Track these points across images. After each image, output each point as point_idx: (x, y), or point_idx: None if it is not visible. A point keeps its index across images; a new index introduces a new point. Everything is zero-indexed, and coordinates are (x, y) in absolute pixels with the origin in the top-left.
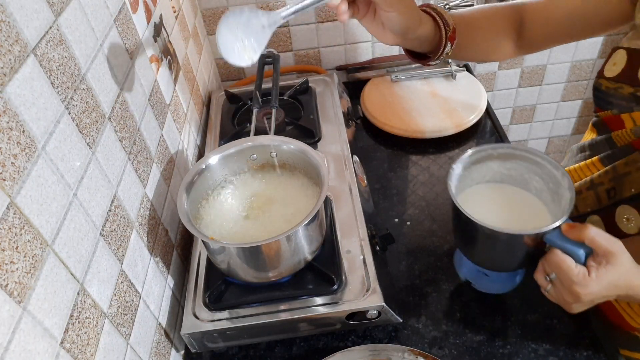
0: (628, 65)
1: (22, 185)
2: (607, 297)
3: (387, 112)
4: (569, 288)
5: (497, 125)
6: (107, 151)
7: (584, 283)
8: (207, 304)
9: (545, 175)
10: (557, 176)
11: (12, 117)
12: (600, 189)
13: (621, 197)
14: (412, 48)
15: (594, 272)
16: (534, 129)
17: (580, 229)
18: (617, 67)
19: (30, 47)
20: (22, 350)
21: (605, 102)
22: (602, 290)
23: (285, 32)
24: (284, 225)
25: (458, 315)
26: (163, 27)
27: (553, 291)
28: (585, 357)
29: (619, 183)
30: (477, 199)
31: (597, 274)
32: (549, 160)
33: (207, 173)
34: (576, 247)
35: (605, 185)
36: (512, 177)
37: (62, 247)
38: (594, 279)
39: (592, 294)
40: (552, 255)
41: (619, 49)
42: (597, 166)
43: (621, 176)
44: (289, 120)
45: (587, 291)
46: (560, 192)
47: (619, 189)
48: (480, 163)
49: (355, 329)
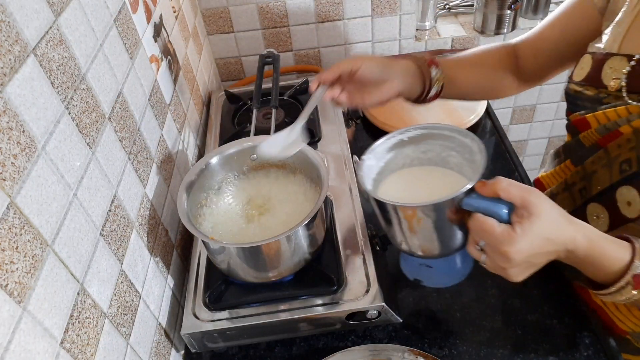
0: (592, 68)
1: (22, 185)
2: (544, 254)
3: (387, 112)
4: (497, 250)
5: (497, 125)
6: (107, 151)
7: (509, 240)
8: (207, 304)
9: (459, 147)
10: (468, 144)
11: (12, 117)
12: (574, 189)
13: (590, 195)
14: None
15: (518, 227)
16: (534, 129)
17: (493, 182)
18: (584, 71)
19: (30, 47)
20: (22, 350)
21: (574, 104)
22: (533, 246)
23: (285, 32)
24: (284, 225)
25: (458, 315)
26: (163, 27)
27: (488, 260)
28: (585, 357)
29: (588, 182)
30: (398, 186)
31: (522, 227)
32: (458, 130)
33: (207, 173)
34: (496, 206)
35: (578, 185)
36: (430, 159)
37: (62, 247)
38: (520, 234)
39: (522, 251)
40: (473, 221)
41: (586, 54)
42: (570, 168)
43: (590, 174)
44: (289, 120)
45: (515, 249)
46: (475, 159)
47: (589, 187)
48: (393, 151)
49: (355, 329)
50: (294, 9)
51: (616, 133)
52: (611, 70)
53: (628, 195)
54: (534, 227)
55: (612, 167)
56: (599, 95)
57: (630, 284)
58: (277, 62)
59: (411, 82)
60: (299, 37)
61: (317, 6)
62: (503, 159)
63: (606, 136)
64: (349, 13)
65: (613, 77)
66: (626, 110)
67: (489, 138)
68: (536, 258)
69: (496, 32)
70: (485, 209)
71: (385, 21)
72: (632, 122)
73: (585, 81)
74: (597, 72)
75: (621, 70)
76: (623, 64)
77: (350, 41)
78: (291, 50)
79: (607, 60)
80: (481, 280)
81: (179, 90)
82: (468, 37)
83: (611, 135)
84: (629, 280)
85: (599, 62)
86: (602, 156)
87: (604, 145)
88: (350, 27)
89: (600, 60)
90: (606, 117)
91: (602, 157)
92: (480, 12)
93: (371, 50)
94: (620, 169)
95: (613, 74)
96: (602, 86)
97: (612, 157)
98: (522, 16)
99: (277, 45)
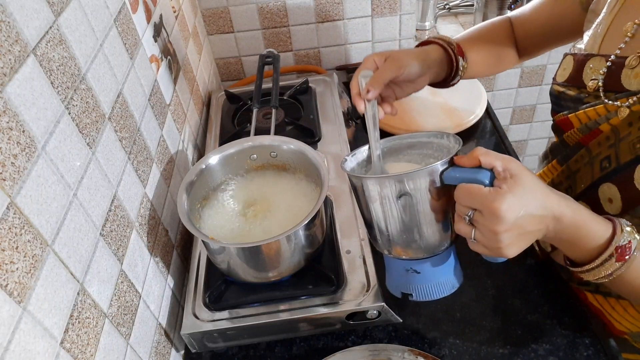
0: (574, 69)
1: (22, 185)
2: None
3: None
4: (488, 210)
5: (497, 125)
6: (107, 151)
7: (498, 196)
8: (207, 304)
9: (438, 152)
10: (446, 144)
11: (12, 117)
12: (560, 188)
13: (575, 194)
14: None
15: (504, 185)
16: (534, 129)
17: (471, 152)
18: (566, 72)
19: (30, 47)
20: (22, 350)
21: (558, 105)
22: (522, 202)
23: (285, 32)
24: (283, 226)
25: (458, 315)
26: (163, 27)
27: (478, 234)
28: (585, 357)
29: (573, 180)
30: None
31: (508, 185)
32: (434, 134)
33: (207, 173)
34: (479, 173)
35: (564, 184)
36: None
37: (62, 247)
38: (507, 190)
39: (512, 208)
40: (458, 190)
41: (568, 55)
42: (556, 168)
43: (573, 173)
44: (289, 120)
45: (505, 205)
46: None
47: (574, 186)
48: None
49: (355, 329)
50: (294, 9)
51: (597, 131)
52: (591, 71)
53: (609, 192)
54: (520, 187)
55: (593, 165)
56: (580, 95)
57: (613, 256)
58: (277, 62)
59: (439, 72)
60: (299, 37)
61: (317, 6)
62: None
63: (588, 135)
64: (349, 13)
65: (592, 77)
66: (604, 109)
67: (489, 138)
68: (527, 221)
69: None
70: (468, 177)
71: (385, 21)
72: (610, 120)
73: (568, 82)
74: (578, 73)
75: (599, 71)
76: (602, 64)
77: (350, 41)
78: (291, 50)
79: (588, 60)
80: (481, 280)
81: (179, 90)
82: None
83: (592, 133)
84: (612, 252)
85: (580, 63)
86: (585, 154)
87: (585, 144)
88: (350, 27)
89: (581, 61)
90: (587, 117)
91: (585, 156)
92: (480, 12)
93: (371, 50)
94: (601, 167)
95: (592, 75)
96: (583, 86)
97: (594, 155)
98: None
99: (277, 45)
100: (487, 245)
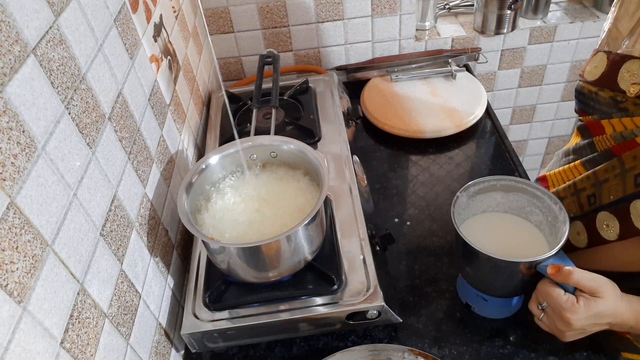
0: (608, 69)
1: (22, 185)
2: (597, 325)
3: (387, 112)
4: (559, 314)
5: (497, 125)
6: (107, 151)
7: (573, 309)
8: (207, 304)
9: (545, 209)
10: (555, 210)
11: (12, 117)
12: (582, 194)
13: (601, 204)
14: None
15: (582, 300)
16: (534, 129)
17: (565, 275)
18: (597, 70)
19: (30, 47)
20: (22, 350)
21: (587, 105)
22: (591, 317)
23: (285, 32)
24: (283, 225)
25: (458, 315)
26: (163, 27)
27: (546, 319)
28: (585, 357)
29: (598, 189)
30: (480, 228)
31: (586, 303)
32: (548, 194)
33: (207, 173)
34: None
35: (587, 191)
36: (514, 208)
37: (62, 247)
38: (582, 306)
39: (581, 320)
40: (542, 285)
41: (599, 52)
42: (579, 169)
43: (601, 182)
44: (289, 120)
45: (576, 317)
46: (557, 226)
47: (599, 195)
48: (483, 193)
49: (355, 329)
50: (294, 9)
51: (632, 143)
52: (629, 75)
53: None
54: (597, 306)
55: (625, 178)
56: (616, 98)
57: None
58: (277, 62)
59: None
60: (299, 37)
61: (317, 6)
62: (503, 159)
63: (621, 144)
64: (349, 13)
65: (632, 81)
66: None
67: (489, 138)
68: (591, 327)
69: (496, 32)
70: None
71: (385, 21)
72: None
73: (599, 82)
74: (613, 74)
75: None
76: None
77: (350, 41)
78: (291, 50)
79: (625, 63)
80: None
81: (179, 90)
82: (468, 37)
83: (627, 144)
84: None
85: (615, 64)
86: (616, 165)
87: (618, 154)
88: (350, 27)
89: (616, 62)
90: (623, 125)
91: (616, 167)
92: (480, 12)
93: (371, 50)
94: (635, 182)
95: (631, 79)
96: (619, 90)
97: (627, 168)
98: (522, 16)
99: (277, 45)
100: (549, 330)
